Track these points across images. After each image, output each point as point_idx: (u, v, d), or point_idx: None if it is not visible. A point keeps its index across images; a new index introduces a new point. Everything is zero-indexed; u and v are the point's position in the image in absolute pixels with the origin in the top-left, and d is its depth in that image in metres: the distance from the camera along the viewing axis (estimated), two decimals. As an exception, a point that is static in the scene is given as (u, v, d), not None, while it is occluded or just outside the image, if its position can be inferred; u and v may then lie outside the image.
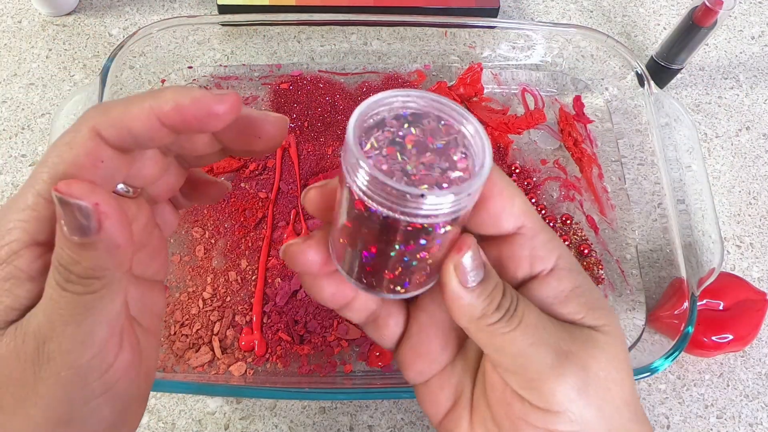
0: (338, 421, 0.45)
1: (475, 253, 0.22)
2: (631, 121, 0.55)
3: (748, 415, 0.47)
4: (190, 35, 0.55)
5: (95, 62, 0.57)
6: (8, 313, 0.21)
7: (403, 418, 0.45)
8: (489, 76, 0.58)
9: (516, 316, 0.22)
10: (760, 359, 0.49)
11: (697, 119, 0.59)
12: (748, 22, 0.65)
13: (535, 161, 0.55)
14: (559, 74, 0.59)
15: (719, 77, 0.62)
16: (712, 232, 0.47)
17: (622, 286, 0.50)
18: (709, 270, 0.45)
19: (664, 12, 0.65)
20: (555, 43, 0.57)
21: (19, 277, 0.20)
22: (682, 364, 0.48)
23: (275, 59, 0.57)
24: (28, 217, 0.20)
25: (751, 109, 0.60)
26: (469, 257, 0.22)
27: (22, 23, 0.59)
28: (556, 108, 0.57)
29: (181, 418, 0.44)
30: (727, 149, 0.58)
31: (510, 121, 0.56)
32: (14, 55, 0.57)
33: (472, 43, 0.58)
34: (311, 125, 0.54)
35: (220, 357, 0.45)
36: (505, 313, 0.22)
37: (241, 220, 0.50)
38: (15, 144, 0.53)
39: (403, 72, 0.58)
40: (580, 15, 0.64)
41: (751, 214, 0.55)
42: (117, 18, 0.60)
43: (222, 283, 0.48)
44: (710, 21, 0.50)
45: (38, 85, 0.56)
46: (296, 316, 0.46)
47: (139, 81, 0.54)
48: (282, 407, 0.45)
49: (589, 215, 0.53)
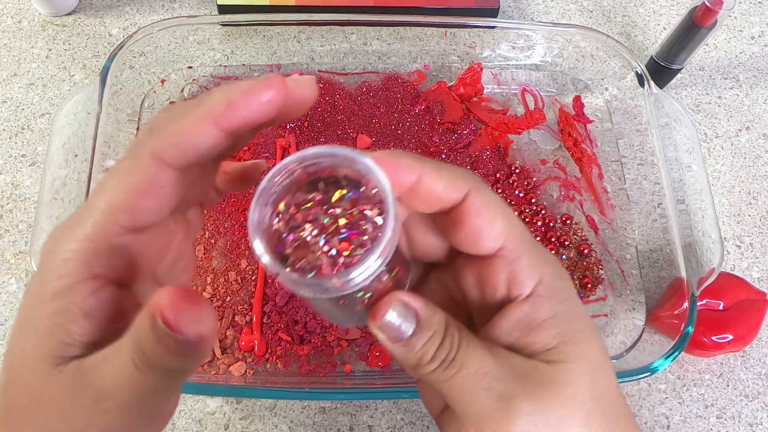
0: (338, 421, 0.45)
1: (401, 309, 0.21)
2: (631, 121, 0.55)
3: (748, 415, 0.47)
4: (190, 35, 0.55)
5: (95, 62, 0.57)
6: (64, 348, 0.20)
7: (403, 418, 0.45)
8: (489, 76, 0.58)
9: (454, 364, 0.21)
10: (760, 359, 0.49)
11: (697, 119, 0.59)
12: (748, 22, 0.65)
13: (535, 161, 0.55)
14: (559, 74, 0.59)
15: (719, 77, 0.62)
16: (712, 232, 0.47)
17: (622, 286, 0.50)
18: (709, 270, 0.45)
19: (664, 12, 0.65)
20: (555, 43, 0.57)
21: (74, 312, 0.20)
22: (682, 364, 0.48)
23: (275, 59, 0.57)
24: (84, 248, 0.20)
25: (751, 109, 0.60)
26: (394, 315, 0.21)
27: (22, 23, 0.59)
28: (556, 108, 0.57)
29: (181, 418, 0.44)
30: (727, 149, 0.58)
31: (510, 121, 0.56)
32: (14, 55, 0.57)
33: (472, 43, 0.58)
34: (311, 125, 0.54)
35: (220, 357, 0.45)
36: (441, 363, 0.21)
37: (241, 220, 0.50)
38: (15, 144, 0.53)
39: (403, 72, 0.58)
40: (580, 15, 0.64)
41: (751, 214, 0.55)
42: (117, 18, 0.60)
43: (222, 283, 0.48)
44: (710, 21, 0.50)
45: (38, 85, 0.56)
46: (296, 316, 0.46)
47: (139, 81, 0.54)
48: (282, 407, 0.45)
49: (589, 215, 0.53)
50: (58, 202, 0.46)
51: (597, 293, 0.49)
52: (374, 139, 0.54)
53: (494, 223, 0.22)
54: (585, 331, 0.23)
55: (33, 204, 0.51)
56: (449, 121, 0.55)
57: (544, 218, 0.52)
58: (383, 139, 0.54)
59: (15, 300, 0.47)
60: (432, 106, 0.55)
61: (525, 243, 0.23)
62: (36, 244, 0.43)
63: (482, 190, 0.22)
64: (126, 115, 0.52)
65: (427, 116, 0.55)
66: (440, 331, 0.22)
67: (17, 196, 0.51)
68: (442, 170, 0.22)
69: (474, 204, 0.22)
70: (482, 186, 0.22)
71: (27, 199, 0.51)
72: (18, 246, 0.49)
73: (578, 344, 0.22)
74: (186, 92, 0.55)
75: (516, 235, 0.22)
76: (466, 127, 0.55)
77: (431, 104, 0.55)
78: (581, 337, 0.22)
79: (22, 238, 0.49)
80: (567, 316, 0.22)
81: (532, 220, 0.52)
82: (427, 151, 0.54)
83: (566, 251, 0.51)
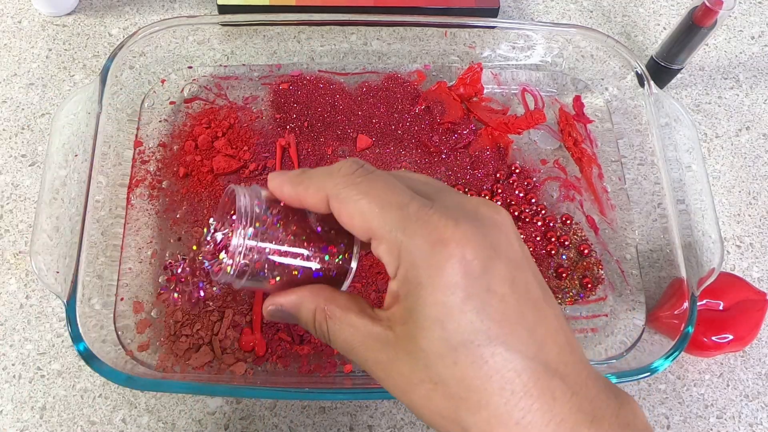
0: (338, 421, 0.45)
1: (273, 309, 0.28)
2: (631, 121, 0.55)
3: (748, 415, 0.47)
4: (190, 35, 0.55)
5: (95, 62, 0.57)
6: None
7: (403, 418, 0.45)
8: (489, 76, 0.58)
9: (330, 340, 0.27)
10: (760, 359, 0.49)
11: (697, 119, 0.59)
12: (748, 22, 0.65)
13: (535, 161, 0.55)
14: (559, 74, 0.59)
15: (719, 77, 0.62)
16: (712, 232, 0.47)
17: (622, 286, 0.50)
18: (709, 270, 0.45)
19: (664, 12, 0.65)
20: (555, 43, 0.57)
21: None
22: (682, 364, 0.48)
23: (275, 59, 0.57)
24: None
25: (751, 109, 0.60)
26: (270, 313, 0.29)
27: (22, 23, 0.59)
28: (556, 108, 0.57)
29: (181, 418, 0.44)
30: (727, 149, 0.58)
31: (510, 121, 0.56)
32: (14, 55, 0.57)
33: (472, 43, 0.58)
34: (311, 125, 0.54)
35: (220, 357, 0.45)
36: (322, 338, 0.28)
37: (241, 220, 0.50)
38: (15, 144, 0.53)
39: (403, 72, 0.58)
40: (580, 15, 0.64)
41: (751, 214, 0.55)
42: (117, 18, 0.60)
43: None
44: (710, 21, 0.50)
45: (38, 85, 0.56)
46: (296, 316, 0.46)
47: (139, 81, 0.54)
48: (282, 407, 0.45)
49: (589, 215, 0.53)
50: (58, 202, 0.46)
51: (597, 293, 0.49)
52: (374, 139, 0.54)
53: (353, 222, 0.25)
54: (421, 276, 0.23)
55: (33, 204, 0.51)
56: (449, 121, 0.55)
57: (544, 218, 0.52)
58: (383, 139, 0.54)
59: (15, 300, 0.47)
60: (432, 106, 0.55)
61: (384, 227, 0.24)
62: (36, 244, 0.43)
63: (340, 194, 0.25)
64: (126, 115, 0.52)
65: (427, 116, 0.55)
66: (310, 321, 0.27)
67: (17, 196, 0.51)
68: (302, 183, 0.27)
69: (334, 210, 0.26)
70: (339, 188, 0.25)
71: (27, 199, 0.51)
72: (18, 246, 0.49)
73: (416, 297, 0.23)
74: (186, 92, 0.55)
75: (375, 225, 0.24)
76: (466, 127, 0.55)
77: (431, 104, 0.55)
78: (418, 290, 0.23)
79: (22, 238, 0.49)
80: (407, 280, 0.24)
81: (532, 220, 0.52)
82: (427, 151, 0.54)
83: (566, 251, 0.51)
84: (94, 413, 0.44)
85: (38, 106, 0.55)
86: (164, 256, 0.48)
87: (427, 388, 0.23)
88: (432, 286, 0.22)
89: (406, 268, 0.23)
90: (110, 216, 0.48)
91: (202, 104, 0.55)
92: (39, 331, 0.46)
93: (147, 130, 0.53)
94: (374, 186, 0.25)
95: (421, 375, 0.23)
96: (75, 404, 0.44)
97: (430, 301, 0.22)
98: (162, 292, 0.45)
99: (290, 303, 0.28)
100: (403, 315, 0.24)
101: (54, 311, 0.47)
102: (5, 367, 0.45)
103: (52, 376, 0.45)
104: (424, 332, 0.23)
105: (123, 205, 0.49)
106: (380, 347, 0.25)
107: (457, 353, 0.22)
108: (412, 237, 0.23)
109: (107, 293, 0.46)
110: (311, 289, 0.28)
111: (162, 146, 0.53)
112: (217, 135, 0.53)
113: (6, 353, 0.46)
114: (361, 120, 0.55)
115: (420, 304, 0.23)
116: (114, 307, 0.46)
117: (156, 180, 0.51)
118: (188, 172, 0.51)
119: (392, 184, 0.25)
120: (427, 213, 0.23)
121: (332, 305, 0.27)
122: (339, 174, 0.25)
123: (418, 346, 0.23)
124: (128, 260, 0.48)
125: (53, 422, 0.44)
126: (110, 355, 0.42)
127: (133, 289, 0.47)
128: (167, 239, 0.49)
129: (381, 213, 0.24)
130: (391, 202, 0.24)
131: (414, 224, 0.23)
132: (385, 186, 0.25)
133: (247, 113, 0.54)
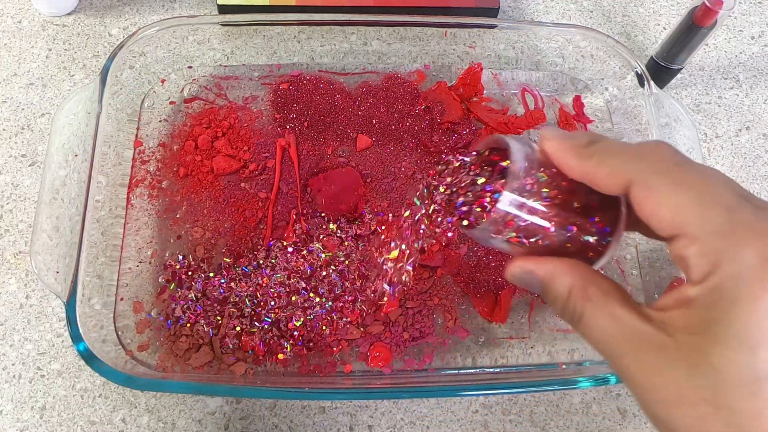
0: (338, 421, 0.45)
1: (521, 274, 0.27)
2: (631, 121, 0.55)
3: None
4: (190, 35, 0.55)
5: (95, 62, 0.57)
6: None
7: (403, 418, 0.45)
8: (489, 76, 0.58)
9: (579, 323, 0.25)
10: (760, 359, 0.49)
11: (697, 119, 0.59)
12: (748, 22, 0.65)
13: (535, 161, 0.55)
14: (559, 74, 0.59)
15: (719, 77, 0.62)
16: (712, 232, 0.47)
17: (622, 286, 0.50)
18: (709, 270, 0.45)
19: (664, 12, 0.65)
20: (555, 43, 0.57)
21: None
22: (682, 364, 0.48)
23: (275, 59, 0.57)
24: None
25: (751, 109, 0.60)
26: (516, 277, 0.27)
27: (22, 23, 0.59)
28: (556, 108, 0.57)
29: (181, 418, 0.44)
30: (727, 149, 0.58)
31: (510, 121, 0.56)
32: (14, 55, 0.57)
33: (472, 43, 0.58)
34: (311, 125, 0.54)
35: (220, 357, 0.45)
36: (570, 319, 0.25)
37: (241, 220, 0.50)
38: (15, 144, 0.53)
39: (403, 72, 0.58)
40: (580, 15, 0.64)
41: (751, 214, 0.55)
42: (117, 18, 0.60)
43: (222, 283, 0.47)
44: (710, 21, 0.50)
45: (38, 85, 0.56)
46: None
47: (139, 81, 0.54)
48: (282, 407, 0.45)
49: (589, 215, 0.53)
50: (58, 202, 0.46)
51: (597, 293, 0.49)
52: (374, 139, 0.54)
53: (659, 214, 0.22)
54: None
55: (33, 204, 0.51)
56: (449, 121, 0.55)
57: (544, 218, 0.52)
58: (383, 138, 0.54)
59: (15, 300, 0.47)
60: (432, 106, 0.55)
61: (703, 228, 0.21)
62: (36, 244, 0.43)
63: (648, 181, 0.22)
64: (126, 115, 0.52)
65: (427, 116, 0.55)
66: (562, 296, 0.25)
67: (17, 196, 0.51)
68: (592, 158, 0.24)
69: (635, 198, 0.23)
70: (648, 174, 0.22)
71: (27, 199, 0.51)
72: (18, 246, 0.49)
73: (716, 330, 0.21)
74: (186, 92, 0.55)
75: (690, 222, 0.22)
76: (466, 127, 0.55)
77: (431, 104, 0.55)
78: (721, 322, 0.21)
79: (22, 237, 0.49)
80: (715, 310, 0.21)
81: (532, 220, 0.52)
82: (427, 151, 0.54)
83: (566, 251, 0.51)
84: (94, 413, 0.44)
85: (38, 106, 0.55)
86: (164, 255, 0.48)
87: (705, 410, 0.21)
88: (753, 307, 0.20)
89: (722, 278, 0.21)
90: (110, 216, 0.48)
91: (202, 104, 0.55)
92: (39, 331, 0.46)
93: (147, 130, 0.53)
94: (691, 178, 0.22)
95: (702, 394, 0.21)
96: (75, 404, 0.44)
97: (745, 321, 0.20)
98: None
99: (545, 272, 0.26)
100: (695, 325, 0.21)
101: (54, 311, 0.47)
102: (5, 367, 0.45)
103: (52, 376, 0.45)
104: (725, 351, 0.20)
105: (123, 205, 0.50)
106: (650, 350, 0.22)
107: (760, 385, 0.20)
108: (743, 247, 0.21)
109: (107, 293, 0.46)
110: (571, 264, 0.26)
111: (162, 146, 0.53)
112: (217, 135, 0.53)
113: (6, 353, 0.46)
114: (361, 120, 0.55)
115: (729, 321, 0.20)
116: (114, 307, 0.46)
117: (156, 180, 0.51)
118: (188, 172, 0.51)
119: (713, 179, 0.22)
120: (763, 224, 0.21)
121: (592, 286, 0.24)
122: (651, 158, 0.23)
123: (710, 364, 0.21)
124: (128, 260, 0.48)
125: (53, 422, 0.44)
126: (110, 355, 0.42)
127: (133, 289, 0.47)
128: (167, 239, 0.49)
129: (701, 211, 0.21)
130: (716, 201, 0.22)
131: (747, 233, 0.21)
132: (704, 180, 0.22)
133: (247, 113, 0.54)
